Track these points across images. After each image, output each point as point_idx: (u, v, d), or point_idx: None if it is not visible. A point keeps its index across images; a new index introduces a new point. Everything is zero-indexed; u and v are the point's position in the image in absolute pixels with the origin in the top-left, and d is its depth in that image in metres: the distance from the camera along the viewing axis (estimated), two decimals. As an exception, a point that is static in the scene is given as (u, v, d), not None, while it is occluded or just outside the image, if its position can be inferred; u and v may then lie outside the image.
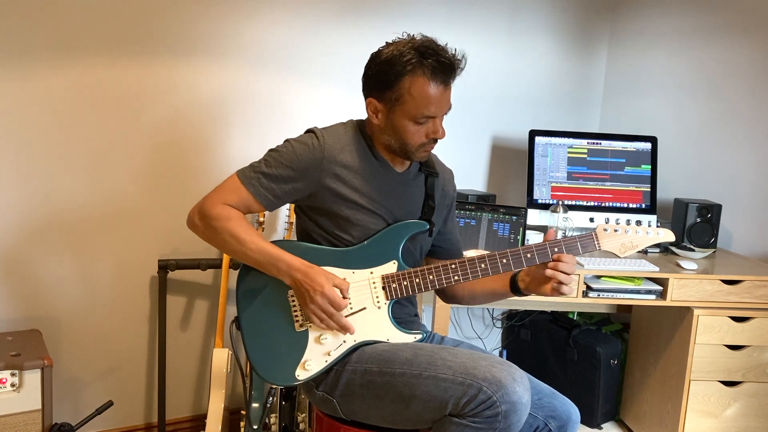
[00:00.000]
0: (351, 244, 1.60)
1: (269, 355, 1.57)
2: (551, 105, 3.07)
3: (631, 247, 1.61)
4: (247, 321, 1.59)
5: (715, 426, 2.28)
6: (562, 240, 1.59)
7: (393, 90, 1.52)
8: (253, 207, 1.59)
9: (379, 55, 1.55)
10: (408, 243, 1.64)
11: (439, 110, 1.54)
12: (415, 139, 1.56)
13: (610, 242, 1.60)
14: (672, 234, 1.62)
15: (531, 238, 2.33)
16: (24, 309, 2.23)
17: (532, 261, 1.58)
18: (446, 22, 2.77)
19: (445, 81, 1.52)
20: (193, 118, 2.39)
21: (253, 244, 1.53)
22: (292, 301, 1.58)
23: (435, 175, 1.72)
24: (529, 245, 1.60)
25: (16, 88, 2.11)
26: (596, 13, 3.09)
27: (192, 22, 2.32)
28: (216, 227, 1.55)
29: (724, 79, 2.61)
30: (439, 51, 1.50)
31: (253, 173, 1.57)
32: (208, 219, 1.57)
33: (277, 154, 1.58)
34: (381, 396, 1.50)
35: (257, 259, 1.54)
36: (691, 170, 2.75)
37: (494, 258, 1.59)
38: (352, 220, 1.59)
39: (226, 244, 1.56)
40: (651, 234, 1.61)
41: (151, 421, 2.50)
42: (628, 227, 1.61)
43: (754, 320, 2.22)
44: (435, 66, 1.49)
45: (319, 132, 1.60)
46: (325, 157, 1.56)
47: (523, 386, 1.40)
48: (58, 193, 2.22)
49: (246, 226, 1.56)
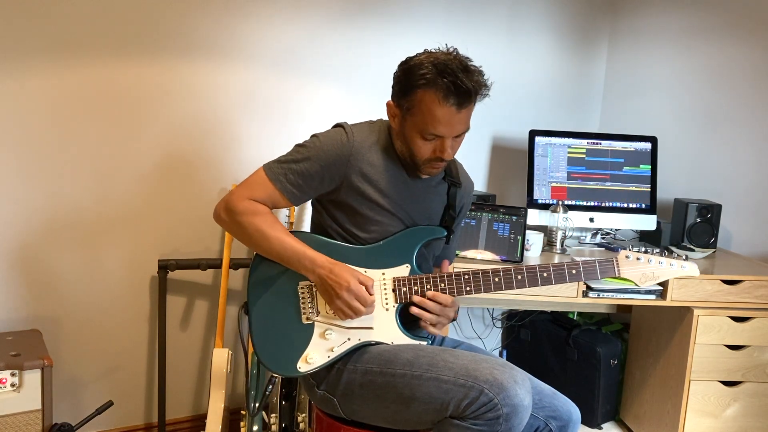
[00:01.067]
0: (366, 242, 1.60)
1: (273, 343, 1.57)
2: (551, 105, 3.07)
3: (652, 278, 1.55)
4: (256, 308, 1.60)
5: (715, 426, 2.28)
6: (582, 263, 1.56)
7: (407, 99, 1.51)
8: (279, 202, 1.59)
9: (406, 61, 1.54)
10: (423, 248, 1.64)
11: (448, 131, 1.50)
12: (422, 152, 1.54)
13: (630, 270, 1.56)
14: (697, 269, 1.56)
15: (531, 238, 2.33)
16: (24, 309, 2.22)
17: (548, 281, 1.56)
18: (446, 22, 2.77)
19: (458, 104, 1.47)
20: (195, 119, 2.38)
21: (278, 240, 1.54)
22: (301, 294, 1.58)
23: (458, 185, 1.72)
24: (545, 264, 1.57)
25: (18, 89, 2.11)
26: (596, 13, 3.09)
27: (196, 24, 2.32)
28: (242, 222, 1.56)
29: (724, 78, 2.61)
30: (457, 72, 1.45)
31: (279, 168, 1.57)
32: (234, 214, 1.56)
33: (305, 149, 1.57)
34: (381, 396, 1.50)
35: (282, 254, 1.55)
36: (691, 170, 2.75)
37: (509, 273, 1.57)
38: (371, 220, 1.59)
39: (251, 239, 1.57)
40: (675, 267, 1.55)
41: (151, 421, 2.50)
42: (651, 257, 1.56)
43: (754, 320, 2.22)
44: (449, 87, 1.45)
45: (348, 128, 1.59)
46: (353, 153, 1.56)
47: (525, 389, 1.40)
48: (59, 194, 2.22)
49: (272, 221, 1.56)
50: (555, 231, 2.42)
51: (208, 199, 2.45)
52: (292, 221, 2.43)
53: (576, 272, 1.55)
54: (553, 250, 2.42)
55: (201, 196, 2.44)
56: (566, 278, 1.54)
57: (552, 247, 2.43)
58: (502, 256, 2.28)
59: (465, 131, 1.55)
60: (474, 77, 1.47)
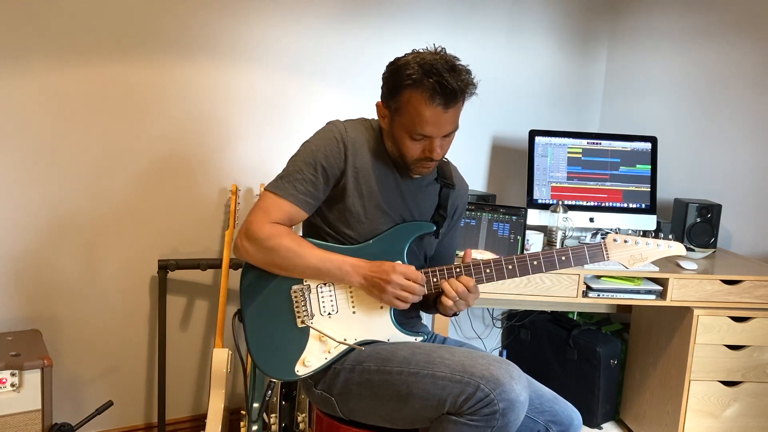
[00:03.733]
0: (356, 242, 1.60)
1: (270, 350, 1.57)
2: (551, 105, 3.07)
3: (640, 260, 1.57)
4: (250, 315, 1.59)
5: (715, 426, 2.27)
6: (570, 248, 1.57)
7: (395, 100, 1.51)
8: (296, 217, 1.57)
9: (394, 62, 1.53)
10: (414, 245, 1.64)
11: (435, 131, 1.50)
12: (411, 152, 1.54)
13: (619, 253, 1.57)
14: (683, 248, 1.58)
15: (531, 238, 2.33)
16: (24, 309, 2.23)
17: (539, 268, 1.56)
18: (447, 22, 2.77)
19: (445, 104, 1.46)
20: (195, 120, 2.39)
21: (313, 255, 1.53)
22: (295, 297, 1.58)
23: (451, 186, 1.72)
24: (535, 252, 1.57)
25: (17, 90, 2.12)
26: (596, 13, 3.09)
27: (196, 25, 2.33)
28: (272, 246, 1.53)
29: (724, 78, 2.61)
30: (443, 73, 1.44)
31: (286, 184, 1.56)
32: (260, 241, 1.53)
33: (300, 157, 1.57)
34: (379, 395, 1.50)
35: (319, 267, 1.53)
36: (691, 170, 2.75)
37: (500, 263, 1.57)
38: (361, 218, 1.59)
39: (285, 261, 1.54)
40: (662, 247, 1.57)
41: (151, 421, 2.50)
42: (639, 239, 1.57)
43: (754, 320, 2.22)
44: (434, 87, 1.44)
45: (341, 124, 1.59)
46: (348, 147, 1.56)
47: (521, 384, 1.40)
48: (59, 194, 2.23)
49: (299, 239, 1.55)
50: (555, 231, 2.42)
51: (208, 200, 2.46)
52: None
53: (566, 258, 1.55)
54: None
55: (201, 196, 2.44)
56: (556, 265, 1.55)
57: (552, 247, 2.42)
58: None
59: (454, 131, 1.54)
60: (461, 76, 1.46)
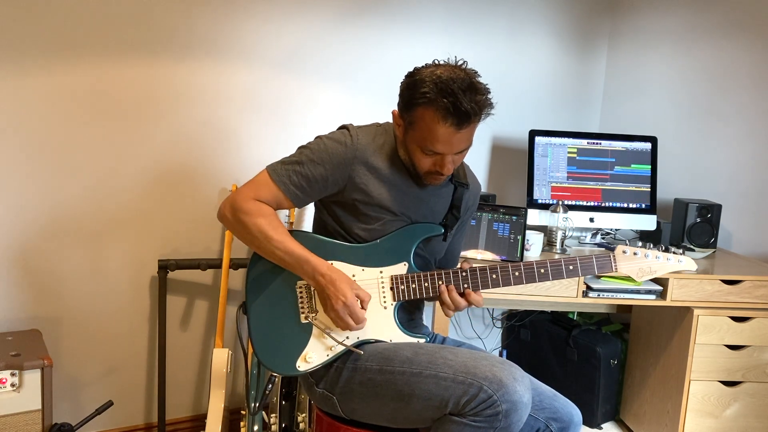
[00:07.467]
0: (365, 241, 1.60)
1: (272, 343, 1.57)
2: (551, 105, 3.07)
3: (649, 273, 1.54)
4: (255, 307, 1.60)
5: (715, 426, 2.28)
6: (579, 258, 1.56)
7: (409, 114, 1.50)
8: (283, 204, 1.58)
9: (411, 74, 1.52)
10: (421, 247, 1.64)
11: (447, 149, 1.49)
12: (422, 165, 1.54)
13: (627, 265, 1.55)
14: (693, 263, 1.56)
15: (531, 238, 2.33)
16: (24, 309, 2.23)
17: (546, 277, 1.56)
18: (447, 22, 2.77)
19: (458, 125, 1.44)
20: (195, 120, 2.38)
21: (280, 243, 1.53)
22: (299, 292, 1.58)
23: (465, 186, 1.71)
24: (542, 260, 1.57)
25: (20, 91, 2.11)
26: (596, 13, 3.09)
27: (197, 25, 2.32)
28: (245, 222, 1.55)
29: (724, 78, 2.61)
30: (458, 93, 1.41)
31: (283, 170, 1.56)
32: (238, 213, 1.55)
33: (309, 151, 1.57)
34: (380, 394, 1.50)
35: (283, 258, 1.54)
36: (691, 170, 2.75)
37: (506, 270, 1.57)
38: (372, 220, 1.59)
39: (253, 240, 1.56)
40: (672, 261, 1.54)
41: (151, 421, 2.50)
42: (649, 251, 1.55)
43: (754, 320, 2.22)
44: (448, 108, 1.42)
45: (353, 130, 1.59)
46: (357, 156, 1.56)
47: (524, 385, 1.40)
48: (59, 194, 2.22)
49: (276, 224, 1.55)
50: (555, 231, 2.42)
51: (208, 200, 2.45)
52: (292, 221, 2.43)
53: (573, 268, 1.54)
54: (553, 250, 2.42)
55: (201, 197, 2.44)
56: (563, 274, 1.54)
57: (552, 247, 2.42)
58: (502, 256, 2.28)
59: (467, 148, 1.53)
60: (476, 97, 1.44)
